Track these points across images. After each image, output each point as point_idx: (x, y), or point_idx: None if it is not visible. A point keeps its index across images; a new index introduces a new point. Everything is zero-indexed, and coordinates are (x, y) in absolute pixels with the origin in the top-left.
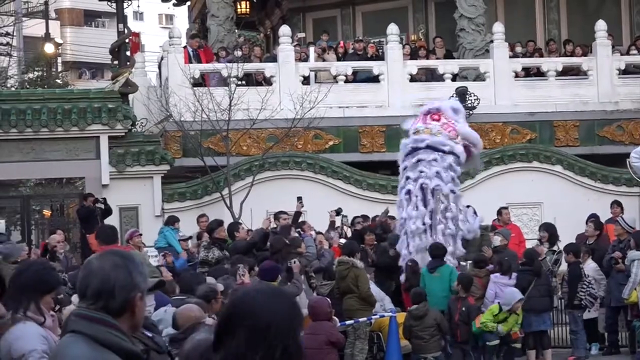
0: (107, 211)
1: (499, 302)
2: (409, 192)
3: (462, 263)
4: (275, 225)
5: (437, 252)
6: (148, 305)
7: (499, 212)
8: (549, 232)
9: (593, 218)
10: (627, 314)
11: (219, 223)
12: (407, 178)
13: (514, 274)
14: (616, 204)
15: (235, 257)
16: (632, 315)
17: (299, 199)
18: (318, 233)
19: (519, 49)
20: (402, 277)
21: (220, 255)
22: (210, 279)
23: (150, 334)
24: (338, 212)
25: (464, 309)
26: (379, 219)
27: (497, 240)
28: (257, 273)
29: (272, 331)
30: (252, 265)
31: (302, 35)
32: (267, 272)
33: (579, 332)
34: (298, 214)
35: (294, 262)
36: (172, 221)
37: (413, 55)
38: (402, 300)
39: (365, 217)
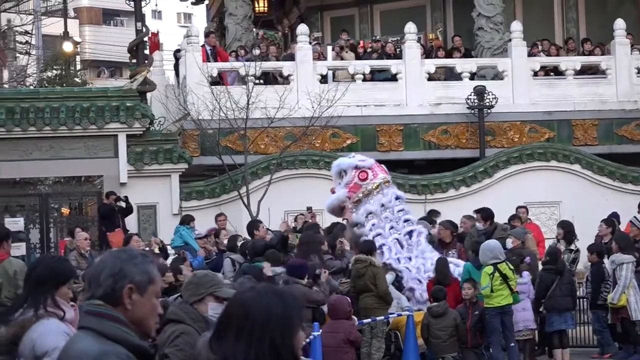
0: (128, 209)
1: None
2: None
3: None
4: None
5: None
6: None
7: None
8: (565, 229)
9: (613, 217)
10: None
11: None
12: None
13: (525, 273)
14: None
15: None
16: (616, 319)
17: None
18: None
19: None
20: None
21: None
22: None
23: None
24: None
25: (476, 312)
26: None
27: (509, 242)
28: (285, 269)
29: (259, 327)
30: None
31: (319, 34)
32: (296, 268)
33: (603, 332)
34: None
35: (323, 271)
36: (187, 220)
37: (428, 55)
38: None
39: None
